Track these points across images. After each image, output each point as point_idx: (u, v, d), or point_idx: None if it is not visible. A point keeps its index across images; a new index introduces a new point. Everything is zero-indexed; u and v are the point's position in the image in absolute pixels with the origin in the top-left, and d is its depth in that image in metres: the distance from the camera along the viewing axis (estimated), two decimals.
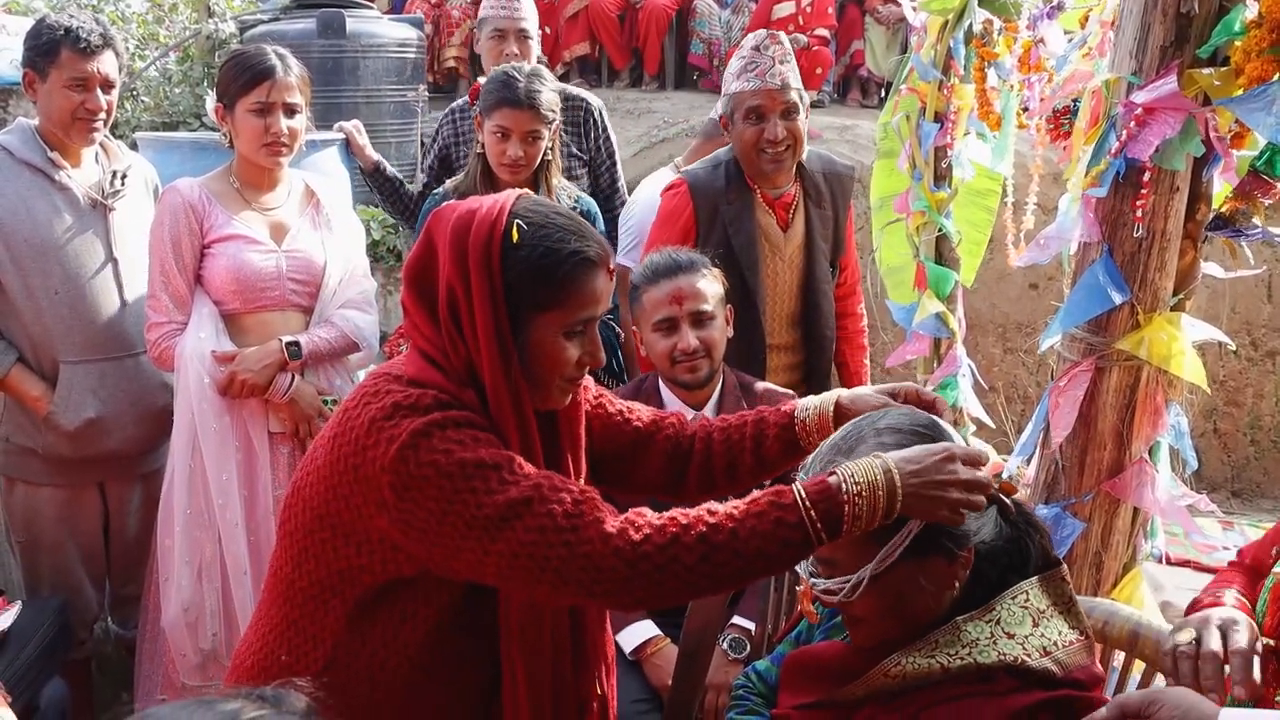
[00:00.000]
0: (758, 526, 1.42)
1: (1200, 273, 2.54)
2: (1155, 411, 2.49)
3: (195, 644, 2.82)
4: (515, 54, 3.66)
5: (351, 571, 1.58)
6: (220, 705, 0.87)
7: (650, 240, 3.07)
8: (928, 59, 3.61)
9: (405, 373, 1.61)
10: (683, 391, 2.61)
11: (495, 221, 1.57)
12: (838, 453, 1.54)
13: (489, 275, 1.55)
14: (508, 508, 1.44)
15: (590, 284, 1.61)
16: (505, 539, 1.44)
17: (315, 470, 1.60)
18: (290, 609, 1.65)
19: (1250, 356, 5.93)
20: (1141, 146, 2.29)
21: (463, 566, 1.50)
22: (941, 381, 3.86)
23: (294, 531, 1.63)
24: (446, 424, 1.50)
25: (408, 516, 1.49)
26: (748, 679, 1.88)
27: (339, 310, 2.94)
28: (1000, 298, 5.93)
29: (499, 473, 1.47)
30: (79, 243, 2.94)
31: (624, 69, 7.72)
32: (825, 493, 1.42)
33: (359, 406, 1.57)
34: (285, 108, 2.80)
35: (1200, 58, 2.29)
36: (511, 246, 1.56)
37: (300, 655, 1.63)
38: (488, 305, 1.54)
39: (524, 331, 1.58)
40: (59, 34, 2.82)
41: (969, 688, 1.44)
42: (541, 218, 1.60)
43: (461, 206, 1.62)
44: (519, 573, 1.45)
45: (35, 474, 3.04)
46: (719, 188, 3.03)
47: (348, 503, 1.55)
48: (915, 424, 1.56)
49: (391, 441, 1.49)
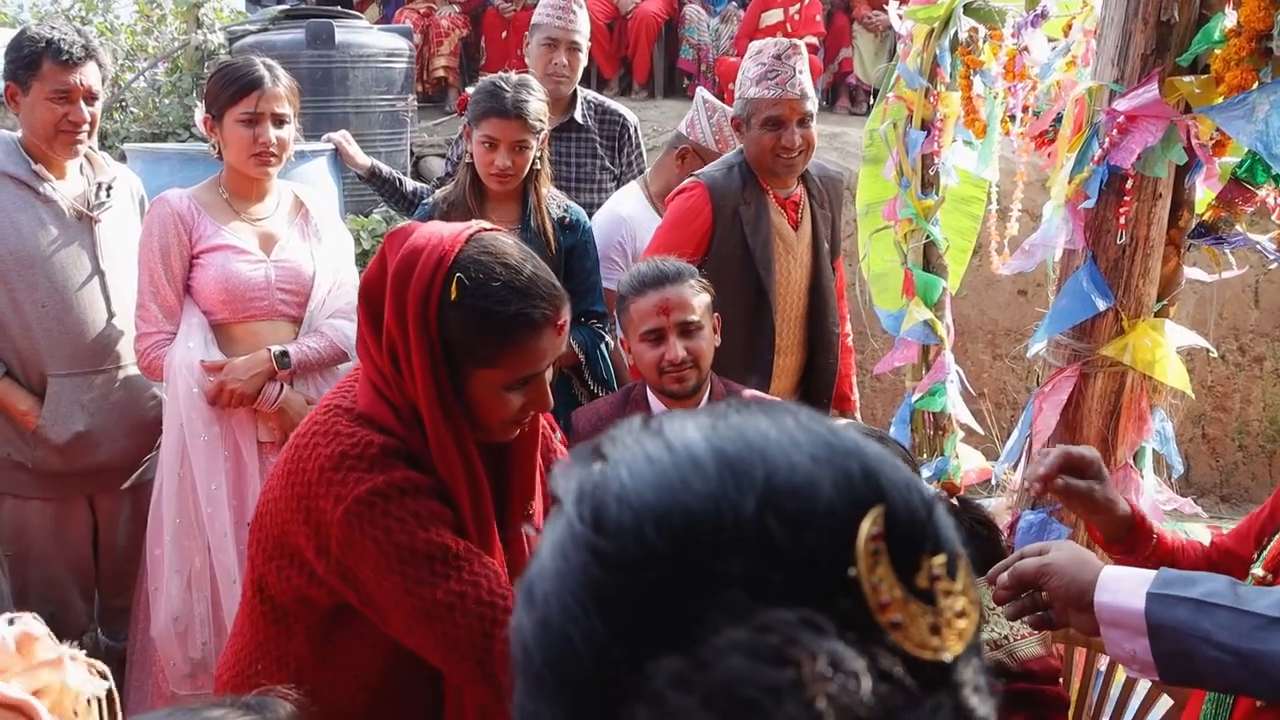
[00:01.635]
0: None
1: (1184, 279, 2.57)
2: (1140, 417, 2.51)
3: (185, 653, 2.81)
4: (564, 64, 3.66)
5: (308, 599, 1.59)
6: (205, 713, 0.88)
7: (663, 242, 3.04)
8: (914, 67, 3.63)
9: (356, 405, 1.59)
10: (671, 401, 2.62)
11: (435, 275, 1.50)
12: None
13: (425, 330, 1.50)
14: (431, 605, 1.47)
15: (532, 346, 1.55)
16: (423, 632, 1.49)
17: (272, 500, 1.61)
18: (256, 631, 1.66)
19: (1238, 362, 5.96)
20: (1124, 154, 2.31)
21: (391, 630, 1.55)
22: (930, 388, 3.88)
23: (255, 557, 1.64)
24: (390, 494, 1.49)
25: (345, 571, 1.52)
26: None
27: (328, 320, 2.94)
28: (989, 304, 5.95)
29: (430, 565, 1.48)
30: (65, 255, 2.93)
31: (613, 78, 7.73)
32: None
33: (309, 446, 1.56)
34: (274, 118, 2.81)
35: (1181, 65, 2.31)
36: (450, 304, 1.50)
37: (268, 676, 1.63)
38: (425, 357, 1.51)
39: (464, 381, 1.55)
40: (40, 46, 2.81)
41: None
42: (485, 274, 1.52)
43: (411, 241, 1.56)
44: (434, 659, 1.52)
45: (23, 487, 3.02)
46: (735, 189, 3.04)
47: (296, 537, 1.55)
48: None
49: (338, 502, 1.49)
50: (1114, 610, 1.26)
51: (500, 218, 3.04)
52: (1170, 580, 1.25)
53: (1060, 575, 1.33)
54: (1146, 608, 1.23)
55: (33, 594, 3.08)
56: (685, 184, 3.13)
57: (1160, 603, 1.23)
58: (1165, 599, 1.23)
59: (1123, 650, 1.27)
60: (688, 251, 2.90)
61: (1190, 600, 1.22)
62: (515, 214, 3.10)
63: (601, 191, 3.71)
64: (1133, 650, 1.25)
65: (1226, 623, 1.19)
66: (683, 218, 3.06)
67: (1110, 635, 1.27)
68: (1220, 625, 1.19)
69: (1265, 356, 5.94)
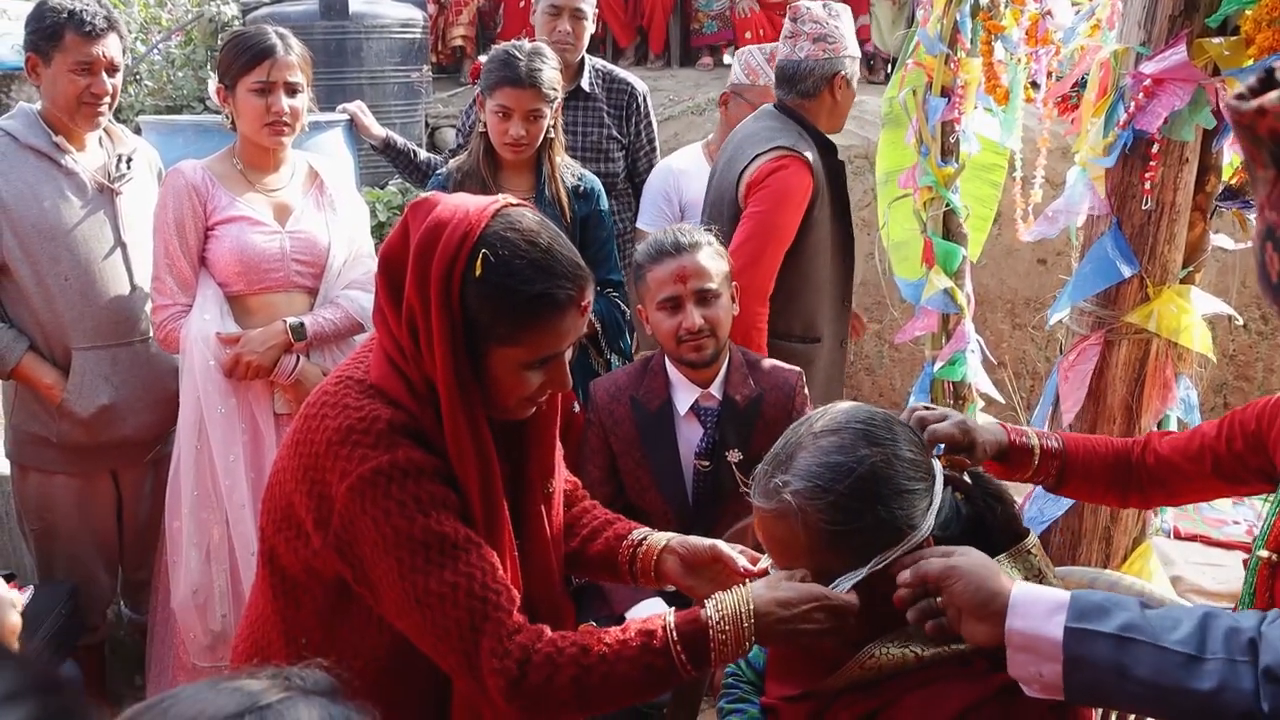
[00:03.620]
0: (628, 672, 1.47)
1: (1209, 245, 2.52)
2: (1165, 385, 2.48)
3: (205, 625, 2.83)
4: (568, 31, 3.65)
5: (315, 570, 1.58)
6: (245, 686, 0.87)
7: (777, 223, 3.01)
8: (934, 33, 3.57)
9: (368, 375, 1.58)
10: (689, 370, 2.60)
11: (460, 250, 1.49)
12: (779, 465, 1.48)
13: (447, 305, 1.49)
14: (423, 593, 1.46)
15: (555, 325, 1.54)
16: (413, 617, 1.48)
17: (281, 470, 1.60)
18: (266, 603, 1.66)
19: (1260, 330, 5.90)
20: (1150, 118, 2.27)
21: (382, 610, 1.55)
22: (951, 357, 3.85)
23: (265, 528, 1.64)
24: (393, 475, 1.48)
25: (342, 547, 1.51)
26: (738, 667, 1.86)
27: (343, 291, 2.93)
28: (1008, 273, 5.90)
29: (425, 553, 1.46)
30: (87, 227, 2.93)
31: (628, 47, 7.67)
32: (694, 631, 1.48)
33: (318, 417, 1.55)
34: (286, 87, 2.79)
35: (1210, 27, 2.26)
36: (474, 279, 1.49)
37: (277, 650, 1.63)
38: (445, 332, 1.49)
39: (483, 359, 1.54)
40: (63, 17, 2.80)
41: (945, 670, 1.43)
42: (511, 250, 1.51)
43: (435, 211, 1.54)
44: (423, 645, 1.52)
45: (48, 462, 3.04)
46: (814, 152, 3.11)
47: (300, 507, 1.55)
48: (851, 420, 1.49)
49: (343, 478, 1.49)
50: (1027, 637, 1.28)
51: (514, 187, 3.02)
52: (1085, 611, 1.26)
53: (965, 581, 1.34)
54: (1064, 640, 1.25)
55: (58, 568, 3.11)
56: (778, 158, 3.05)
57: (1078, 636, 1.25)
58: (1083, 634, 1.25)
59: (1027, 672, 1.28)
60: (796, 225, 2.99)
61: (1109, 636, 1.24)
62: (529, 183, 3.08)
63: (610, 161, 3.69)
64: (1039, 672, 1.27)
65: (1147, 659, 1.22)
66: (793, 194, 3.03)
67: (1017, 658, 1.29)
68: (1140, 661, 1.22)
69: None
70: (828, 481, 1.41)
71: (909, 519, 1.44)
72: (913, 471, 1.46)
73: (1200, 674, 1.19)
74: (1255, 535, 1.64)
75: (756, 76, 3.57)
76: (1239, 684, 1.17)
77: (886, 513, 1.42)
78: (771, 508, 1.45)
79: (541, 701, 1.45)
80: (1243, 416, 1.72)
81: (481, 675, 1.46)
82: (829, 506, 1.41)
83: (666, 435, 2.61)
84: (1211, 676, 1.18)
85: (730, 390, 2.61)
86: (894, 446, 1.46)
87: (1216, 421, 1.76)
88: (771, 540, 1.50)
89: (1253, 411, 1.70)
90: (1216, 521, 4.34)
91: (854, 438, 1.45)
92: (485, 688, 1.46)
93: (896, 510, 1.43)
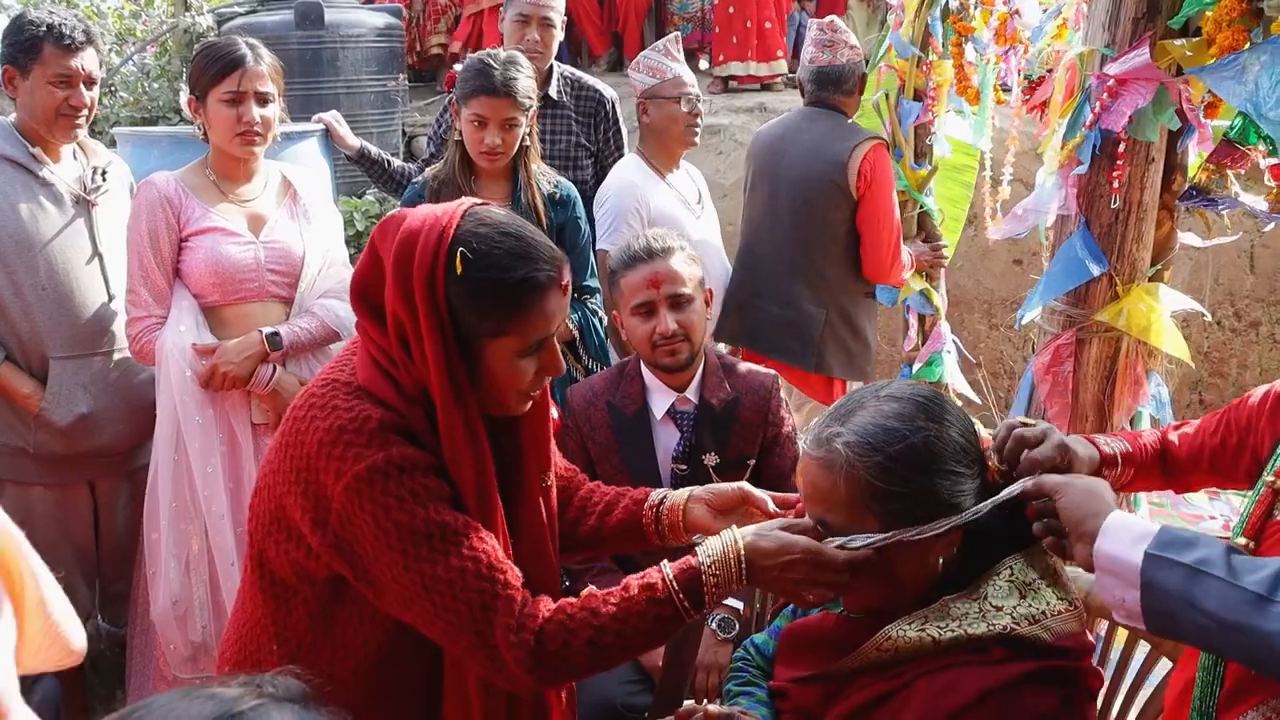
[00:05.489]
0: (640, 625, 1.52)
1: (1177, 243, 2.55)
2: (1136, 382, 2.50)
3: (185, 636, 2.82)
4: (536, 39, 3.62)
5: (306, 572, 1.59)
6: (218, 694, 0.87)
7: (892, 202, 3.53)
8: (906, 36, 3.61)
9: (355, 378, 1.59)
10: (664, 375, 2.61)
11: (437, 252, 1.51)
12: (836, 419, 1.53)
13: (435, 309, 1.51)
14: (431, 580, 1.48)
15: (541, 307, 1.57)
16: (422, 606, 1.50)
17: (270, 474, 1.61)
18: (255, 608, 1.67)
19: (1234, 327, 5.95)
20: (1115, 118, 2.29)
21: (384, 605, 1.56)
22: (928, 358, 3.88)
23: (254, 532, 1.65)
24: (389, 472, 1.49)
25: (341, 545, 1.52)
26: (746, 652, 1.88)
27: (319, 300, 2.93)
28: (984, 274, 5.94)
29: (429, 543, 1.49)
30: (64, 238, 2.92)
31: (604, 54, 7.68)
32: (690, 577, 1.54)
33: (307, 419, 1.56)
34: (257, 96, 2.79)
35: (1172, 29, 2.29)
36: (456, 278, 1.51)
37: (269, 653, 1.64)
38: (436, 336, 1.51)
39: (477, 355, 1.56)
40: (41, 30, 2.80)
41: (962, 657, 1.45)
42: (486, 243, 1.54)
43: (404, 225, 1.56)
44: (432, 633, 1.53)
45: (25, 473, 3.02)
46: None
47: (294, 510, 1.56)
48: (915, 394, 1.56)
49: (338, 478, 1.50)
50: (1111, 559, 1.32)
51: (490, 195, 3.02)
52: (1169, 541, 1.30)
53: (1070, 498, 1.40)
54: (1143, 565, 1.29)
55: None
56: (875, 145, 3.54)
57: (1156, 563, 1.28)
58: (1161, 560, 1.28)
59: (1113, 596, 1.33)
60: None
61: (1184, 565, 1.27)
62: (505, 191, 3.08)
63: (578, 168, 3.67)
64: (1123, 599, 1.32)
65: (1216, 593, 1.24)
66: (890, 173, 3.56)
67: (1104, 580, 1.34)
68: (1209, 594, 1.24)
69: (1261, 322, 5.93)
70: (880, 442, 1.47)
71: (950, 499, 1.48)
72: (961, 455, 1.51)
73: (1267, 615, 1.21)
74: (1232, 527, 1.67)
75: (662, 73, 3.54)
76: None
77: (928, 486, 1.47)
78: (820, 455, 1.51)
79: (561, 667, 1.49)
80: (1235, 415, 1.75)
81: (499, 653, 1.48)
82: (875, 466, 1.46)
83: (643, 439, 2.62)
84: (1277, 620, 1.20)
85: (706, 394, 2.62)
86: (948, 427, 1.51)
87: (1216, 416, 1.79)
88: (811, 488, 1.55)
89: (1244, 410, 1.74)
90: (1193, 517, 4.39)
91: (914, 409, 1.51)
92: (503, 664, 1.48)
93: (939, 487, 1.47)
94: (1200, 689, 1.49)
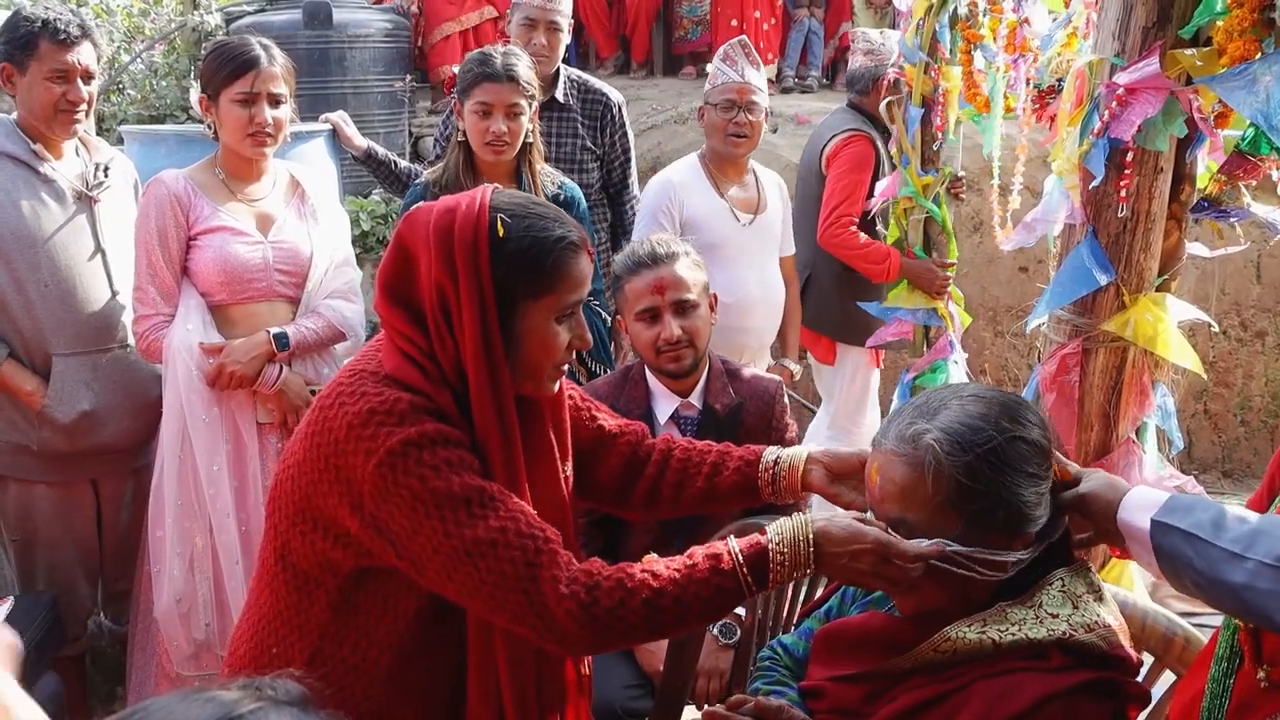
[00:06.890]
0: (700, 592, 1.52)
1: (1185, 253, 2.54)
2: (1142, 392, 2.49)
3: (188, 634, 2.82)
4: (543, 43, 3.62)
5: (331, 563, 1.60)
6: (218, 696, 0.87)
7: (848, 183, 3.95)
8: (914, 42, 3.60)
9: (382, 369, 1.62)
10: (668, 380, 2.61)
11: (478, 219, 1.58)
12: (920, 415, 1.54)
13: (477, 273, 1.56)
14: (473, 544, 1.48)
15: (577, 267, 1.64)
16: (466, 572, 1.49)
17: (294, 465, 1.62)
18: (276, 600, 1.67)
19: (1240, 337, 5.94)
20: (1123, 127, 2.28)
21: (427, 581, 1.55)
22: (932, 365, 3.87)
23: (277, 524, 1.65)
24: (423, 444, 1.51)
25: (380, 525, 1.53)
26: (774, 652, 1.87)
27: (325, 300, 2.93)
28: (990, 281, 5.93)
29: (468, 508, 1.50)
30: (67, 234, 2.92)
31: (611, 56, 7.69)
32: (756, 553, 1.54)
33: (335, 406, 1.58)
34: (270, 98, 2.79)
35: (1183, 38, 2.28)
36: (498, 241, 1.57)
37: (288, 646, 1.65)
38: (476, 302, 1.55)
39: (516, 322, 1.60)
40: (36, 26, 2.80)
41: (1020, 662, 1.46)
42: (521, 209, 1.62)
43: (436, 209, 1.62)
44: (477, 602, 1.52)
45: (28, 471, 3.02)
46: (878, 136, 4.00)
47: (325, 499, 1.57)
48: (997, 395, 1.57)
49: (370, 455, 1.51)
50: (1129, 527, 1.47)
51: None
52: (1173, 507, 1.44)
53: (1096, 500, 1.54)
54: (1150, 530, 1.43)
55: (39, 578, 3.09)
56: (848, 136, 4.03)
57: (1159, 529, 1.43)
58: (1164, 526, 1.43)
59: (1143, 560, 1.47)
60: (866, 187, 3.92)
61: (1179, 530, 1.41)
62: None
63: (584, 172, 3.67)
64: (1149, 561, 1.46)
65: (1202, 552, 1.37)
66: (862, 161, 3.99)
67: (1132, 547, 1.49)
68: (1198, 554, 1.38)
69: (1267, 332, 5.92)
70: (968, 441, 1.48)
71: (1031, 507, 1.50)
72: (1042, 458, 1.53)
73: (1236, 569, 1.33)
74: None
75: (715, 78, 3.65)
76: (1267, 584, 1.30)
77: (1014, 486, 1.48)
78: (905, 452, 1.51)
79: (615, 626, 1.48)
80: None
81: (549, 608, 1.47)
82: (964, 465, 1.47)
83: None
84: (1244, 573, 1.32)
85: (710, 399, 2.62)
86: (1030, 429, 1.53)
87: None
88: (892, 484, 1.54)
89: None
90: None
91: (998, 410, 1.52)
92: (553, 620, 1.47)
93: (1022, 492, 1.49)
94: (1208, 702, 1.48)
